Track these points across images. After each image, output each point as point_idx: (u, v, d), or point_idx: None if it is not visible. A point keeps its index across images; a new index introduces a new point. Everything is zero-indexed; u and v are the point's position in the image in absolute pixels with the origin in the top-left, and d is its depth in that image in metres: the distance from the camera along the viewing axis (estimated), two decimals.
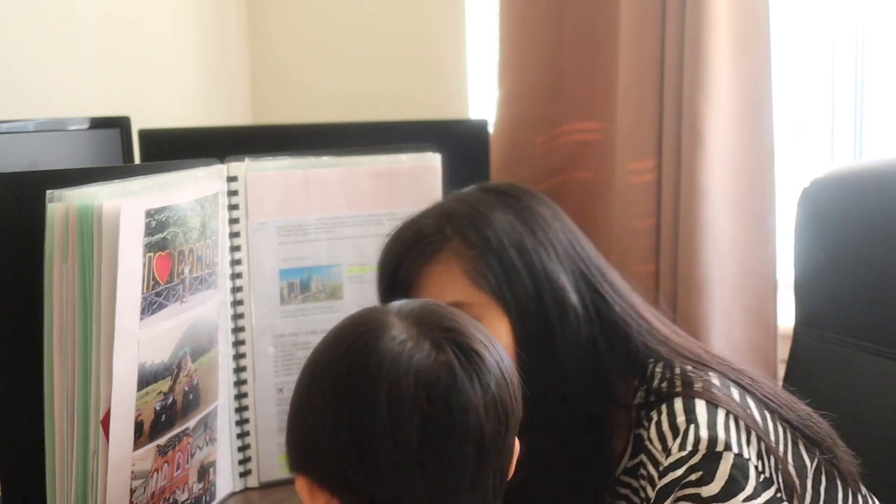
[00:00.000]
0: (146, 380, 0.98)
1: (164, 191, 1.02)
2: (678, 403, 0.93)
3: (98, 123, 1.45)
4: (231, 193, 1.21)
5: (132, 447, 0.98)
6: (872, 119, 1.80)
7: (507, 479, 0.82)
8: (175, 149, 1.49)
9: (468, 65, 2.05)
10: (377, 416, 0.75)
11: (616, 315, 1.02)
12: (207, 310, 1.11)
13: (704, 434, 0.88)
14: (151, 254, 0.97)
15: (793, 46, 1.82)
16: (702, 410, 0.91)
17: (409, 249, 1.02)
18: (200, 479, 1.14)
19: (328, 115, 2.01)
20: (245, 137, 1.78)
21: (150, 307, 0.97)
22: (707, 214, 1.62)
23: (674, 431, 0.91)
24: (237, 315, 1.23)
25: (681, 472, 0.87)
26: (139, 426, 0.98)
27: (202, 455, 1.13)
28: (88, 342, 0.94)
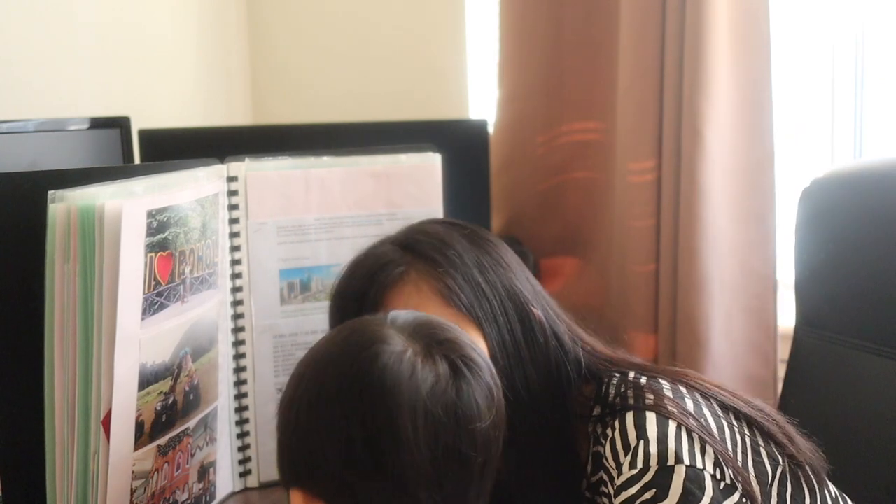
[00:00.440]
0: (147, 380, 0.98)
1: (166, 191, 1.02)
2: (629, 418, 0.93)
3: (98, 123, 1.45)
4: (231, 193, 1.21)
5: (133, 447, 0.98)
6: (872, 119, 1.80)
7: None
8: (175, 149, 1.49)
9: (468, 65, 2.05)
10: (398, 435, 0.77)
11: (568, 333, 1.04)
12: (208, 310, 1.11)
13: (654, 450, 0.88)
14: (153, 254, 0.97)
15: (793, 46, 1.82)
16: (651, 425, 0.91)
17: (374, 276, 1.02)
18: (200, 479, 1.14)
19: (328, 115, 2.01)
20: (245, 137, 1.78)
21: (152, 307, 0.97)
22: (707, 214, 1.62)
23: (626, 448, 0.91)
24: (237, 315, 1.23)
25: (635, 491, 0.87)
26: (140, 426, 0.98)
27: (202, 455, 1.13)
28: (90, 343, 0.93)
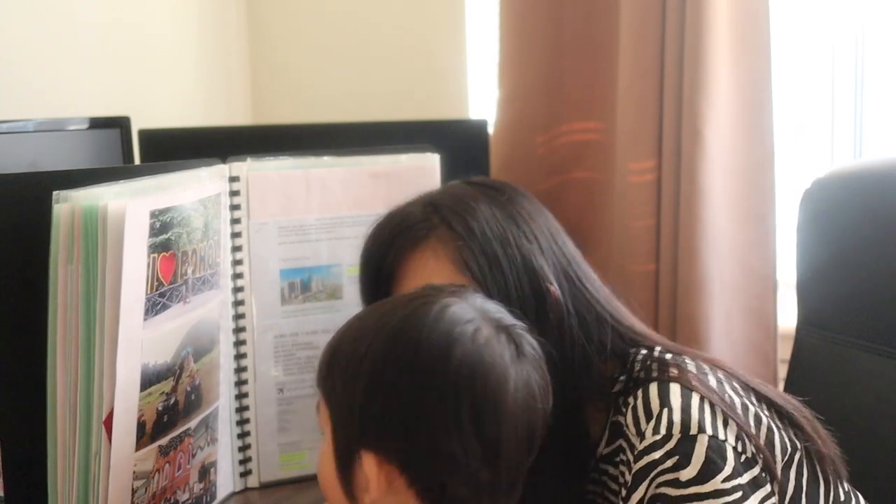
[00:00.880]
0: (149, 380, 0.98)
1: (168, 191, 1.02)
2: (653, 388, 0.94)
3: (98, 123, 1.45)
4: (233, 193, 1.21)
5: (134, 448, 0.98)
6: (872, 119, 1.80)
7: None
8: (175, 149, 1.49)
9: (468, 65, 2.05)
10: (502, 411, 0.82)
11: (594, 309, 1.04)
12: (209, 310, 1.11)
13: (678, 418, 0.89)
14: (155, 254, 0.97)
15: (793, 46, 1.82)
16: (676, 394, 0.92)
17: (397, 236, 1.04)
18: (201, 480, 1.14)
19: (328, 115, 2.01)
20: (245, 137, 1.78)
21: (154, 308, 0.97)
22: (707, 214, 1.62)
23: (648, 415, 0.92)
24: (238, 315, 1.23)
25: (658, 456, 0.88)
26: (141, 427, 0.98)
27: (203, 455, 1.13)
28: (92, 343, 0.93)
